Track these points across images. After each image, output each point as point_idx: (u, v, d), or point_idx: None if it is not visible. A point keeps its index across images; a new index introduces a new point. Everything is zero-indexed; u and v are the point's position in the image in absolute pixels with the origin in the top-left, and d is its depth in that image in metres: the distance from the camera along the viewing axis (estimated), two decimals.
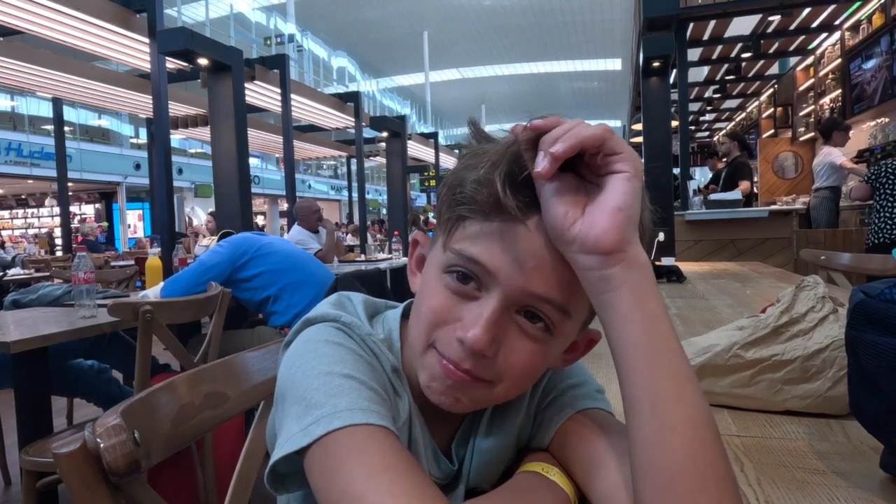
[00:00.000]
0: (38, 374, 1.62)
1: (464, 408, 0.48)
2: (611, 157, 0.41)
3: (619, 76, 24.38)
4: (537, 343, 0.46)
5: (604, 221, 0.40)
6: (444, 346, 0.46)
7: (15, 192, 18.64)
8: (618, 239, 0.40)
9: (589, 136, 0.40)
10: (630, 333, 0.40)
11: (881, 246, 3.71)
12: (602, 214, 0.41)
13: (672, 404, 0.38)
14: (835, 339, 0.70)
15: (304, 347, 0.49)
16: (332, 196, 25.22)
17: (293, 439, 0.42)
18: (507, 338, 0.45)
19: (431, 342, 0.47)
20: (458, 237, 0.45)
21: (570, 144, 0.40)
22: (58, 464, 0.44)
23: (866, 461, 0.59)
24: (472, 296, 0.46)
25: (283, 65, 6.15)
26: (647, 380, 0.39)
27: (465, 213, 0.45)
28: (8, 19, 4.18)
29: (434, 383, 0.47)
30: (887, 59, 5.57)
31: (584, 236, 0.41)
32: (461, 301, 0.46)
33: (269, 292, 2.40)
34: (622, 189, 0.41)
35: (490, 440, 0.56)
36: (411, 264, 0.55)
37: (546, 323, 0.45)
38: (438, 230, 0.49)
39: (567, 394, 0.55)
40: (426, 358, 0.48)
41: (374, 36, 23.05)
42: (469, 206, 0.44)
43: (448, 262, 0.46)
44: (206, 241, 5.33)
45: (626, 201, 0.41)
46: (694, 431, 0.38)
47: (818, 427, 0.69)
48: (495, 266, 0.44)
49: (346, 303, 0.56)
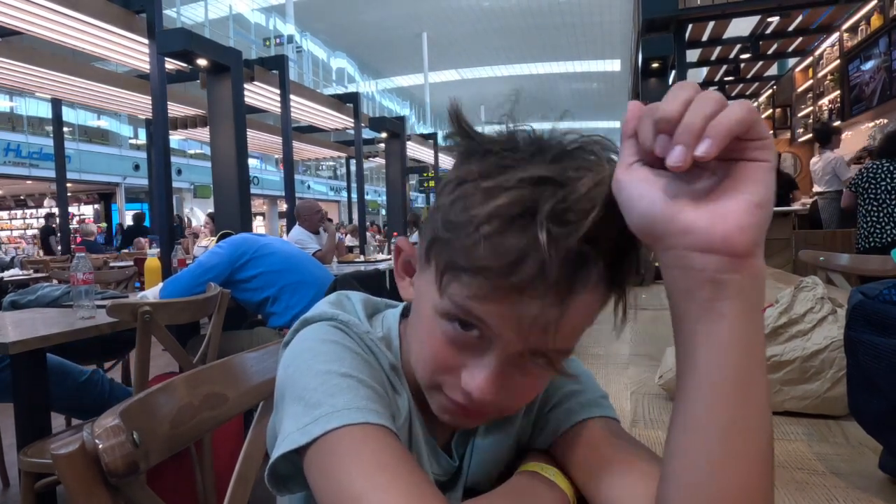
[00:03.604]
0: (37, 375, 1.62)
1: (478, 425, 0.50)
2: (751, 143, 0.34)
3: (618, 77, 24.41)
4: (538, 378, 0.46)
5: (739, 217, 0.33)
6: (452, 390, 0.45)
7: (14, 192, 18.63)
8: (753, 239, 0.34)
9: (736, 125, 0.32)
10: (731, 349, 0.35)
11: (871, 251, 3.66)
12: (738, 207, 0.33)
13: (749, 434, 0.35)
14: (834, 339, 0.70)
15: (302, 347, 0.48)
16: (331, 197, 25.21)
17: (290, 438, 0.42)
18: (512, 379, 0.44)
19: (437, 385, 0.47)
20: (457, 287, 0.41)
21: (720, 143, 0.32)
22: (56, 465, 0.44)
23: (865, 462, 0.59)
24: (473, 345, 0.43)
25: (283, 66, 6.16)
26: (731, 404, 0.35)
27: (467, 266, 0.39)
28: (7, 20, 4.18)
29: (445, 415, 0.48)
30: (886, 60, 5.58)
31: (706, 230, 0.33)
32: (462, 349, 0.44)
33: (268, 293, 2.40)
34: (764, 182, 0.34)
35: (490, 438, 0.56)
36: (398, 270, 0.54)
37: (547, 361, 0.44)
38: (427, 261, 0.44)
39: (571, 399, 0.54)
40: (433, 394, 0.48)
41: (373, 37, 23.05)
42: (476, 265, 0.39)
43: (446, 310, 0.42)
44: (205, 242, 5.33)
45: (768, 197, 0.34)
46: (759, 464, 0.35)
47: (817, 428, 0.69)
48: (502, 329, 0.41)
49: (345, 301, 0.56)
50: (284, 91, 6.16)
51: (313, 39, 23.05)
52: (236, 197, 4.39)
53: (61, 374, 1.93)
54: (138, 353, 1.63)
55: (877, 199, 3.72)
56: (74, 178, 14.56)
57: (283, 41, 18.99)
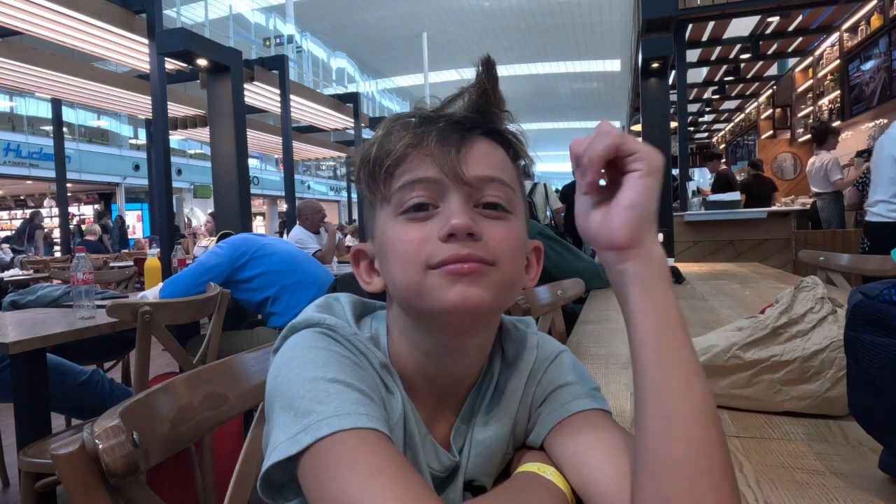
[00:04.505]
0: (37, 375, 1.62)
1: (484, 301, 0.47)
2: (626, 159, 0.44)
3: (618, 77, 24.40)
4: (504, 221, 0.50)
5: (617, 219, 0.43)
6: (439, 253, 0.47)
7: (14, 192, 18.63)
8: (629, 235, 0.43)
9: (603, 152, 0.43)
10: (640, 325, 0.42)
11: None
12: (616, 211, 0.44)
13: (676, 395, 0.40)
14: (833, 339, 0.70)
15: (289, 355, 0.49)
16: (331, 197, 25.22)
17: (280, 448, 0.42)
18: (482, 225, 0.48)
19: (424, 266, 0.47)
20: (396, 181, 0.50)
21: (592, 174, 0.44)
22: (56, 465, 0.44)
23: (865, 462, 0.59)
24: (433, 215, 0.49)
25: (283, 66, 6.15)
26: (654, 371, 0.41)
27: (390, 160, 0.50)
28: (7, 20, 4.18)
29: (450, 291, 0.46)
30: (886, 60, 5.58)
31: (599, 232, 0.45)
32: (427, 222, 0.48)
33: (268, 293, 2.40)
34: (635, 187, 0.43)
35: (488, 430, 0.56)
36: (363, 276, 0.56)
37: (501, 205, 0.50)
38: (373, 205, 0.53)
39: (564, 392, 0.55)
40: (427, 283, 0.47)
41: (373, 37, 23.05)
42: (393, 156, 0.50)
43: (399, 202, 0.49)
44: (205, 242, 5.33)
45: (636, 199, 0.43)
46: (696, 424, 0.39)
47: (817, 428, 0.69)
48: (437, 173, 0.48)
49: (334, 304, 0.56)
50: (284, 91, 6.16)
51: (313, 39, 23.04)
52: (236, 197, 4.38)
53: (61, 374, 1.92)
54: (138, 353, 1.63)
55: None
56: (74, 178, 14.57)
57: (283, 41, 18.98)
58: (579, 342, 1.24)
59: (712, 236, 4.89)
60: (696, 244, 4.93)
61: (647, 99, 4.61)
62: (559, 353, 0.59)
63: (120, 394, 2.12)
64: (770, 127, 9.74)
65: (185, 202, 18.42)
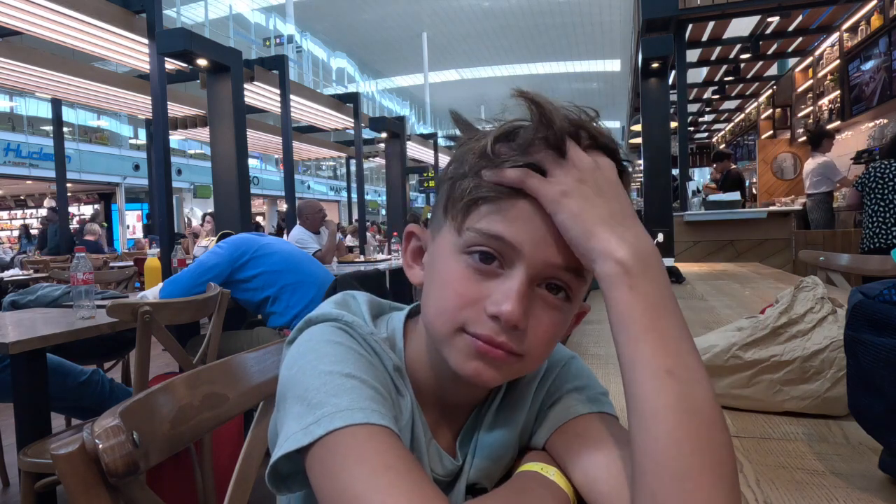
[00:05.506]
0: (37, 375, 1.62)
1: (496, 382, 0.49)
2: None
3: (618, 77, 24.40)
4: (558, 312, 0.48)
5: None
6: (476, 325, 0.46)
7: (14, 192, 18.63)
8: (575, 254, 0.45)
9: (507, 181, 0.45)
10: (613, 327, 0.43)
11: (876, 251, 3.64)
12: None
13: (650, 394, 0.39)
14: (834, 339, 0.70)
15: (306, 347, 0.48)
16: (331, 197, 25.21)
17: (293, 438, 0.42)
18: (534, 310, 0.46)
19: (460, 325, 0.47)
20: (475, 218, 0.46)
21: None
22: (56, 465, 0.44)
23: (865, 462, 0.59)
24: (495, 274, 0.46)
25: (283, 66, 6.15)
26: (627, 372, 0.41)
27: (482, 195, 0.46)
28: (7, 20, 4.17)
29: (469, 363, 0.47)
30: (886, 60, 5.58)
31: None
32: (485, 280, 0.46)
33: (269, 293, 2.40)
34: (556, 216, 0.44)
35: (494, 435, 0.56)
36: (407, 257, 0.56)
37: (566, 291, 0.47)
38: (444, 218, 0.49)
39: (572, 395, 0.55)
40: (455, 341, 0.47)
41: (373, 37, 23.05)
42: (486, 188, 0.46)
43: (468, 242, 0.46)
44: (205, 242, 5.33)
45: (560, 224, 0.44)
46: (676, 420, 0.38)
47: (817, 428, 0.69)
48: (520, 241, 0.45)
49: (351, 302, 0.56)
50: (284, 91, 6.16)
51: (313, 39, 23.04)
52: (236, 197, 4.38)
53: (61, 374, 1.92)
54: (138, 353, 1.63)
55: (883, 199, 3.69)
56: (74, 178, 14.56)
57: (283, 41, 18.99)
58: (579, 342, 1.24)
59: (712, 236, 4.89)
60: (696, 244, 4.93)
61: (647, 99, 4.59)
62: (568, 359, 0.59)
63: (120, 394, 2.12)
64: (770, 127, 9.73)
65: (185, 202, 18.41)
